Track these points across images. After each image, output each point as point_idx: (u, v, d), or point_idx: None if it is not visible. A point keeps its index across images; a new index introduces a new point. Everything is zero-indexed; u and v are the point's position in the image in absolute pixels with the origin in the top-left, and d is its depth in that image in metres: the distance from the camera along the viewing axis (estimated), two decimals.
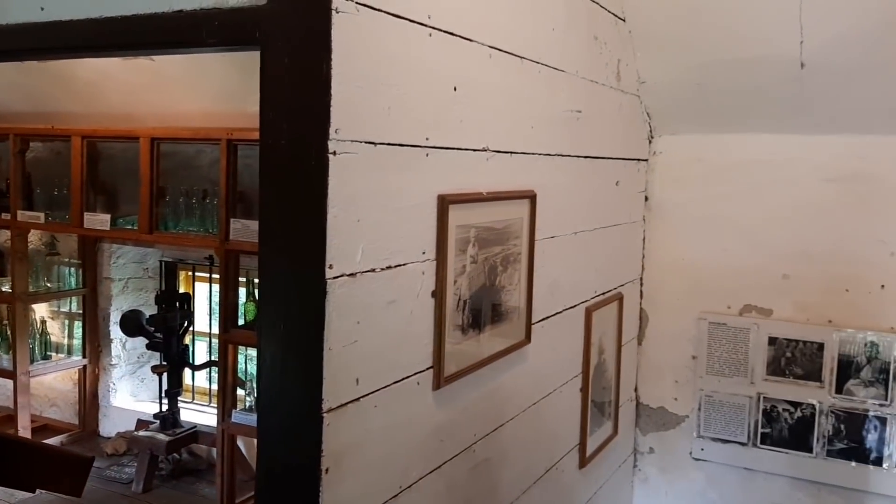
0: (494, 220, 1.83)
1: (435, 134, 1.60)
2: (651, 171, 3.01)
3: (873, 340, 2.69)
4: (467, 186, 1.72)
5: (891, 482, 2.69)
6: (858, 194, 2.70)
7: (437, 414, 1.69)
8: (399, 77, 1.48)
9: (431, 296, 1.63)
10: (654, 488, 3.10)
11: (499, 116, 1.84)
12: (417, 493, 1.63)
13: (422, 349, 1.62)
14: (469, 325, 1.77)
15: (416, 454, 1.63)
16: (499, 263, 1.87)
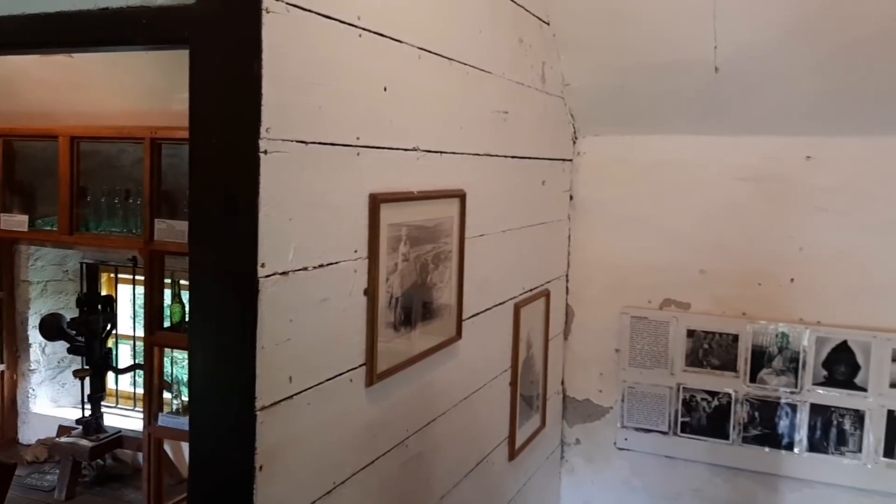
0: (425, 219, 1.86)
1: (366, 133, 1.62)
2: (575, 171, 3.09)
3: (784, 331, 2.83)
4: (398, 185, 1.75)
5: (801, 465, 2.84)
6: (769, 193, 2.84)
7: (370, 410, 1.72)
8: (330, 77, 1.50)
9: (364, 294, 1.65)
10: (581, 478, 3.19)
11: (428, 116, 1.87)
12: (351, 488, 1.65)
13: (354, 347, 1.64)
14: (401, 323, 1.80)
15: (349, 450, 1.65)
16: (430, 261, 1.91)
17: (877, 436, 2.73)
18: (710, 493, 2.99)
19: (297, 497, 1.50)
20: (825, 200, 2.76)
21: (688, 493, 3.02)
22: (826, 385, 2.79)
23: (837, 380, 2.78)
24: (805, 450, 2.83)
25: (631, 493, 3.11)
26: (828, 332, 2.78)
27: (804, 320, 2.82)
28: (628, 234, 3.05)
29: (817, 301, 2.80)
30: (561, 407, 3.19)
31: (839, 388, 2.77)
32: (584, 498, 3.19)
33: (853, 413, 2.76)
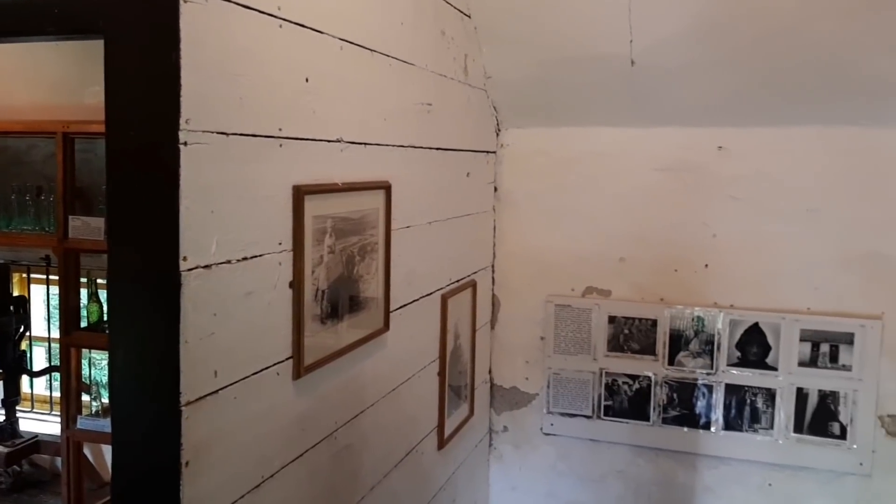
0: (351, 211, 1.87)
1: (288, 125, 1.61)
2: (499, 163, 3.14)
3: (699, 315, 2.95)
4: (322, 177, 1.75)
5: (717, 443, 2.96)
6: (685, 182, 2.94)
7: (298, 403, 1.71)
8: (250, 67, 1.48)
9: (289, 286, 1.64)
10: (509, 464, 3.25)
11: (352, 108, 1.87)
12: (280, 481, 1.65)
13: (281, 340, 1.63)
14: (328, 315, 1.80)
15: (277, 443, 1.64)
16: (356, 253, 1.91)
17: (787, 412, 2.86)
18: (632, 474, 3.08)
19: (225, 492, 1.48)
20: (736, 189, 2.88)
21: (612, 475, 3.11)
22: (739, 366, 2.91)
23: (750, 360, 2.90)
24: (721, 428, 2.95)
25: (557, 477, 3.18)
26: (740, 315, 2.90)
27: (718, 304, 2.93)
28: (551, 224, 3.11)
29: (730, 285, 2.92)
30: (489, 395, 3.23)
31: (752, 368, 2.90)
32: (512, 484, 3.25)
33: (765, 392, 2.89)
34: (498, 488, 3.27)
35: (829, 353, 2.81)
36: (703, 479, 3.01)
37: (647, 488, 3.07)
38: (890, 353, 2.75)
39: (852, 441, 2.80)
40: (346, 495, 1.96)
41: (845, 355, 2.79)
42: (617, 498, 3.11)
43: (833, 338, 2.80)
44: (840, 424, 2.82)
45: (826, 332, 2.81)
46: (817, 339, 2.82)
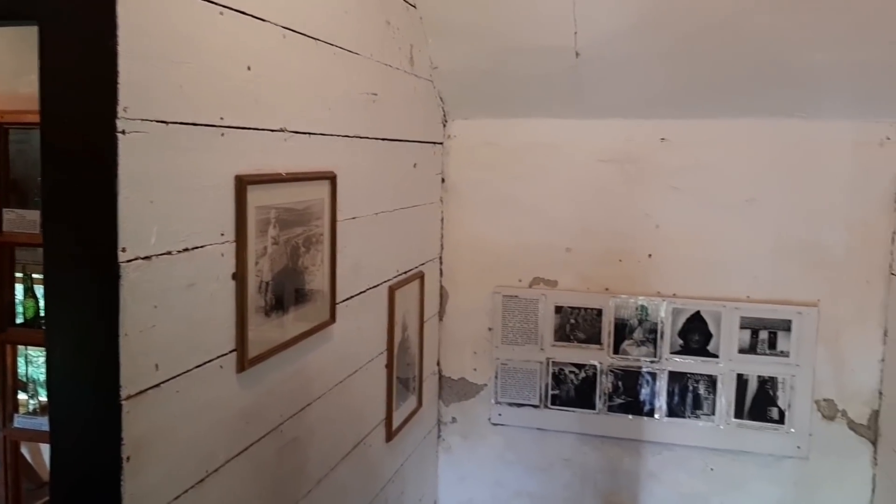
0: (295, 201, 1.84)
1: (230, 113, 1.59)
2: (446, 154, 3.13)
3: (643, 304, 3.00)
4: (266, 167, 1.72)
5: (661, 430, 3.01)
6: (628, 174, 2.98)
7: (243, 396, 1.69)
8: (190, 55, 1.45)
9: (232, 278, 1.62)
10: (457, 455, 3.26)
11: (295, 97, 1.85)
12: (225, 476, 1.63)
13: (224, 332, 1.61)
14: (272, 307, 1.78)
15: (221, 437, 1.62)
16: (301, 244, 1.89)
17: (728, 398, 2.93)
18: (579, 461, 3.13)
19: (168, 487, 1.46)
20: (678, 180, 2.93)
21: (559, 463, 3.15)
22: (682, 353, 2.97)
23: (692, 348, 2.96)
24: (665, 415, 3.01)
25: (505, 467, 3.21)
26: (683, 304, 2.96)
27: (661, 293, 2.99)
28: (499, 215, 3.13)
29: (673, 275, 2.97)
30: (437, 387, 3.24)
31: (694, 355, 2.96)
32: (460, 474, 3.27)
33: (707, 378, 2.95)
34: (446, 479, 3.29)
35: (768, 340, 2.89)
36: (647, 464, 3.06)
37: (593, 475, 3.12)
38: (825, 339, 2.84)
39: (790, 425, 2.89)
40: (292, 489, 1.94)
41: (783, 342, 2.87)
42: (564, 485, 3.15)
43: (771, 325, 2.88)
44: (779, 409, 2.90)
45: (765, 320, 2.88)
46: (756, 327, 2.89)
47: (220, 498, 1.62)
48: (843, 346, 2.83)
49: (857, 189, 2.77)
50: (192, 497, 1.53)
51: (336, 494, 2.20)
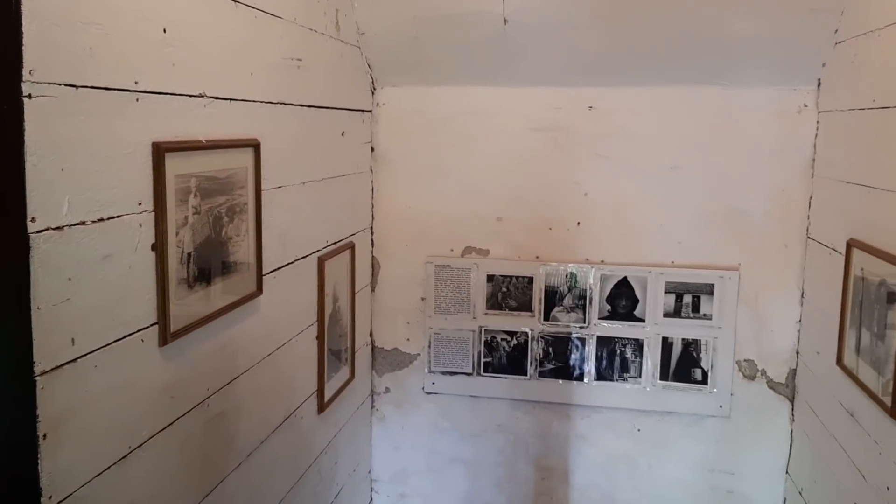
0: (217, 169, 1.79)
1: (145, 78, 1.53)
2: (375, 123, 3.10)
3: (572, 271, 3.04)
4: (184, 133, 1.67)
5: (590, 393, 3.08)
6: (557, 142, 3.00)
7: (166, 370, 1.65)
8: (101, 16, 1.39)
9: (151, 249, 1.57)
10: (391, 424, 3.27)
11: (215, 61, 1.79)
12: (149, 451, 1.59)
13: (144, 305, 1.56)
14: (195, 279, 1.73)
15: (144, 412, 1.58)
16: (224, 214, 1.84)
17: (654, 361, 3.01)
18: (511, 426, 3.17)
19: (89, 464, 1.41)
20: (605, 148, 2.96)
21: (492, 429, 3.19)
22: (610, 318, 3.03)
23: (620, 313, 3.02)
24: (594, 379, 3.07)
25: (439, 434, 3.23)
26: (610, 270, 3.01)
27: (590, 260, 3.03)
28: (430, 184, 3.11)
29: (601, 242, 3.02)
30: (370, 357, 3.23)
31: (621, 320, 3.02)
32: (394, 444, 3.28)
33: (634, 342, 3.02)
34: (381, 449, 3.29)
35: (692, 304, 2.97)
36: (577, 427, 3.13)
37: (525, 440, 3.17)
38: (746, 301, 2.93)
39: (713, 385, 2.98)
40: (220, 463, 1.91)
41: (706, 305, 2.95)
42: (497, 450, 3.20)
43: (695, 289, 2.96)
44: (702, 370, 2.99)
45: (689, 284, 2.96)
46: (681, 291, 2.97)
47: (144, 474, 1.58)
48: (762, 309, 2.93)
49: (776, 156, 2.85)
50: (115, 474, 1.49)
51: (267, 467, 2.18)
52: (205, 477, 1.84)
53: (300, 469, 2.46)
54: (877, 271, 2.10)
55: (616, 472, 3.13)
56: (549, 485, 3.18)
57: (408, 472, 3.29)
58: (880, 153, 2.16)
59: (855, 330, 2.27)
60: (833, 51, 2.59)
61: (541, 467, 3.18)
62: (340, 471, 2.88)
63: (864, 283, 2.20)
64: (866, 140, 2.29)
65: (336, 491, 2.84)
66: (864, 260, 2.21)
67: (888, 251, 2.04)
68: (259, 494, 2.15)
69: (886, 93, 2.13)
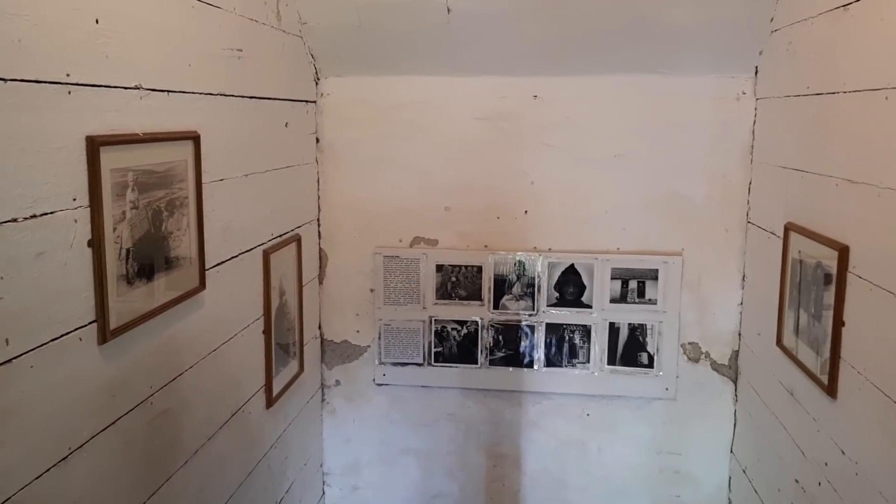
0: (155, 163, 1.75)
1: (77, 70, 1.48)
2: (320, 113, 3.06)
3: (521, 260, 3.06)
4: (120, 126, 1.63)
5: (539, 380, 3.11)
6: (503, 131, 3.01)
7: (107, 369, 1.61)
8: (30, 6, 1.35)
9: (88, 245, 1.53)
10: (342, 417, 3.25)
11: (151, 52, 1.75)
12: (90, 452, 1.55)
13: (82, 303, 1.52)
14: (135, 275, 1.69)
15: (85, 412, 1.54)
16: (164, 208, 1.80)
17: (601, 346, 3.05)
18: (462, 415, 3.19)
19: (27, 467, 1.38)
20: (551, 137, 2.98)
21: (443, 418, 3.20)
22: (558, 305, 3.06)
23: (567, 300, 3.06)
24: (543, 366, 3.10)
25: (391, 426, 3.23)
26: (558, 258, 3.04)
27: (538, 248, 3.06)
28: (377, 175, 3.10)
29: (548, 230, 3.05)
30: (320, 350, 3.21)
31: (569, 307, 3.06)
32: (346, 436, 3.26)
33: (581, 328, 3.06)
34: (332, 442, 3.28)
35: (637, 289, 3.02)
36: (528, 414, 3.16)
37: (476, 428, 3.19)
38: (689, 286, 2.99)
39: (659, 369, 3.04)
40: (166, 461, 1.88)
41: (651, 290, 3.01)
42: (449, 440, 3.21)
43: (640, 275, 3.00)
44: (648, 354, 3.04)
45: (634, 270, 3.00)
46: (626, 277, 3.01)
47: (86, 474, 1.55)
48: (705, 293, 3.00)
49: (716, 143, 2.91)
50: (56, 475, 1.45)
51: (215, 464, 2.15)
52: (150, 475, 1.81)
53: (249, 465, 2.44)
54: (813, 254, 2.16)
55: (566, 457, 3.17)
56: (501, 472, 3.21)
57: (360, 464, 3.28)
58: (815, 139, 2.22)
59: (793, 311, 2.33)
60: (769, 38, 2.64)
61: (493, 455, 3.21)
62: (291, 465, 2.86)
63: (802, 265, 2.26)
64: (802, 126, 2.35)
65: (287, 486, 2.82)
66: (801, 243, 2.27)
67: (824, 234, 2.10)
68: (207, 492, 2.12)
69: (820, 79, 2.18)
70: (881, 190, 1.77)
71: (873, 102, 1.83)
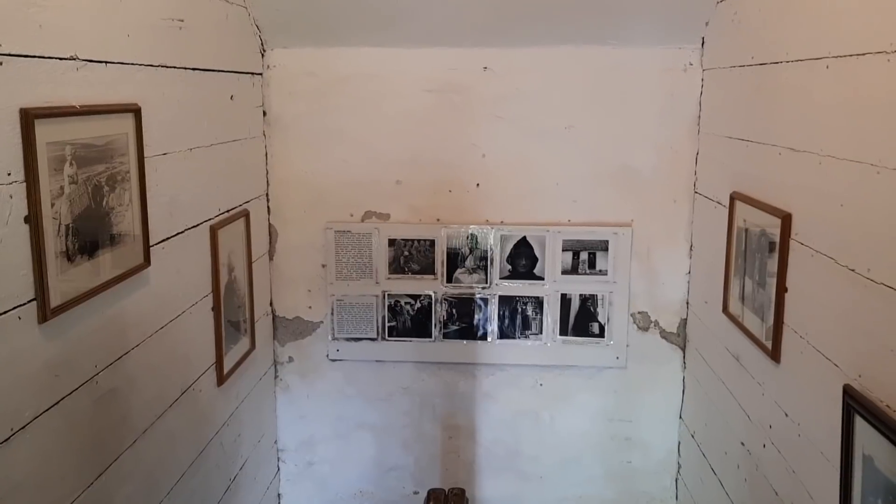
0: (94, 136, 1.70)
1: (9, 40, 1.43)
2: (267, 86, 3.00)
3: (473, 233, 3.06)
4: (57, 99, 1.57)
5: (493, 351, 3.13)
6: (454, 103, 2.99)
7: (48, 348, 1.57)
8: None
9: (25, 221, 1.48)
10: (296, 393, 3.23)
11: (87, 22, 1.69)
12: (34, 432, 1.51)
13: (20, 281, 1.48)
14: (76, 252, 1.65)
15: (26, 393, 1.50)
16: (104, 183, 1.75)
17: (553, 318, 3.08)
18: (417, 388, 3.19)
19: None
20: (501, 109, 2.98)
21: (398, 392, 3.20)
22: (511, 278, 3.08)
23: (520, 272, 3.07)
24: (497, 338, 3.12)
25: (345, 400, 3.22)
26: (510, 231, 3.05)
27: (490, 221, 3.06)
28: (326, 149, 3.06)
29: (500, 203, 3.05)
30: (271, 327, 3.17)
31: (522, 279, 3.07)
32: (300, 412, 3.25)
33: (534, 300, 3.08)
34: (286, 418, 3.26)
35: (588, 261, 3.05)
36: (482, 386, 3.18)
37: (431, 400, 3.20)
38: (638, 256, 3.03)
39: (609, 338, 3.08)
40: (114, 441, 1.85)
41: (602, 261, 3.04)
42: (404, 413, 3.22)
43: (591, 246, 3.03)
44: (599, 324, 3.08)
45: (585, 242, 3.03)
46: (577, 249, 3.04)
47: (30, 455, 1.51)
48: (654, 262, 3.04)
49: (664, 114, 2.94)
50: None
51: (165, 443, 2.12)
52: (98, 455, 1.78)
53: (201, 443, 2.41)
54: (758, 222, 2.21)
55: (520, 427, 3.20)
56: (456, 443, 3.23)
57: (314, 439, 3.27)
58: (760, 108, 2.26)
59: (739, 279, 2.38)
60: (715, 10, 2.67)
61: (448, 427, 3.22)
62: (245, 442, 2.84)
63: (747, 234, 2.30)
64: (747, 96, 2.38)
65: (241, 463, 2.80)
66: (746, 212, 2.32)
67: (768, 202, 2.14)
68: (158, 470, 2.09)
69: (764, 50, 2.21)
70: (822, 158, 1.81)
71: (815, 71, 1.86)
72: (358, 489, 3.29)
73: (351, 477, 3.28)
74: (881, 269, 1.54)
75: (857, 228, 1.65)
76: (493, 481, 3.24)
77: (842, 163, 1.71)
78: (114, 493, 1.84)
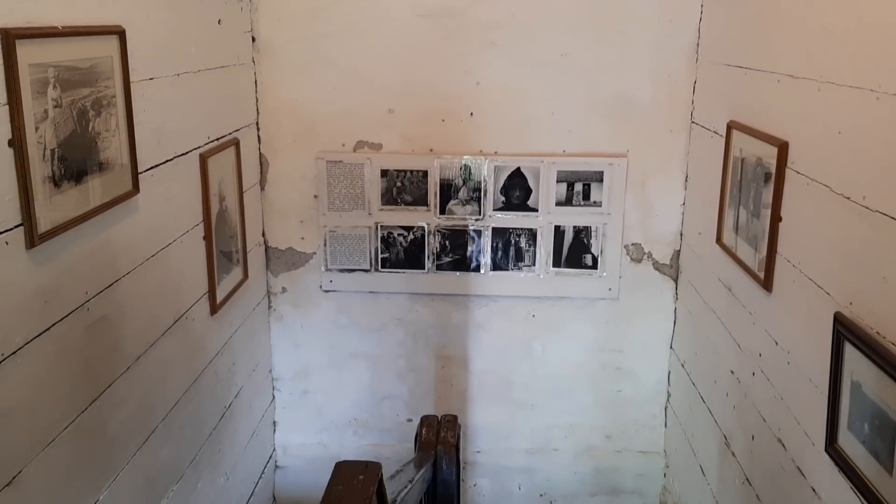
0: (77, 59, 1.65)
1: None
2: (255, 10, 2.92)
3: (467, 163, 3.03)
4: (38, 19, 1.52)
5: (485, 283, 3.13)
6: (447, 29, 2.92)
7: (37, 274, 1.56)
8: None
9: (9, 145, 1.45)
10: (290, 323, 3.25)
11: None
12: (25, 358, 1.52)
13: (6, 205, 1.46)
14: (62, 177, 1.62)
15: (15, 319, 1.49)
16: (90, 108, 1.71)
17: (546, 250, 3.08)
18: (410, 319, 3.21)
19: None
20: (495, 35, 2.91)
21: (391, 322, 3.22)
22: (504, 209, 3.06)
23: (514, 204, 3.05)
24: (490, 269, 3.12)
25: (339, 330, 3.24)
26: (504, 161, 3.02)
27: (483, 152, 3.02)
28: (316, 76, 2.99)
29: (494, 133, 3.01)
30: (264, 258, 3.16)
31: (515, 210, 3.06)
32: (294, 342, 3.27)
33: (528, 232, 3.07)
34: (281, 348, 3.28)
35: (583, 192, 3.03)
36: (474, 316, 3.19)
37: (424, 331, 3.22)
38: (633, 187, 3.01)
39: (602, 270, 3.09)
40: (106, 367, 1.85)
41: (596, 193, 3.02)
42: (397, 343, 3.24)
43: (585, 177, 3.01)
44: (592, 256, 3.08)
45: (579, 173, 3.00)
46: (572, 180, 3.01)
47: (22, 381, 1.51)
48: (649, 194, 3.02)
49: (662, 41, 2.88)
50: None
51: (158, 370, 2.13)
52: (90, 382, 1.78)
53: (195, 371, 2.43)
54: (754, 151, 2.18)
55: (512, 357, 3.23)
56: (449, 372, 3.27)
57: (309, 368, 3.30)
58: (759, 34, 2.21)
59: (733, 209, 2.37)
60: None
61: (440, 356, 3.25)
62: (239, 371, 2.86)
63: (743, 163, 2.28)
64: (746, 22, 2.33)
65: (236, 391, 2.83)
66: (742, 141, 2.29)
67: (764, 131, 2.12)
68: (152, 397, 2.11)
69: None
70: (821, 84, 1.78)
71: None
72: (353, 417, 3.34)
73: (345, 405, 3.33)
74: (876, 196, 1.53)
75: (854, 156, 1.63)
76: (485, 409, 3.29)
77: (841, 89, 1.68)
78: (108, 418, 1.86)
